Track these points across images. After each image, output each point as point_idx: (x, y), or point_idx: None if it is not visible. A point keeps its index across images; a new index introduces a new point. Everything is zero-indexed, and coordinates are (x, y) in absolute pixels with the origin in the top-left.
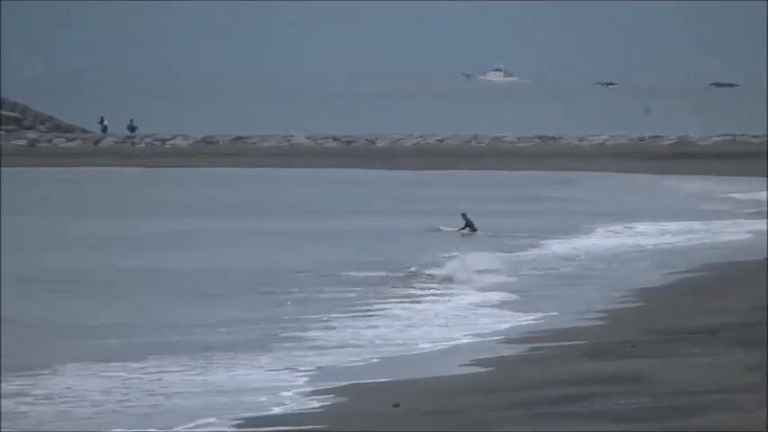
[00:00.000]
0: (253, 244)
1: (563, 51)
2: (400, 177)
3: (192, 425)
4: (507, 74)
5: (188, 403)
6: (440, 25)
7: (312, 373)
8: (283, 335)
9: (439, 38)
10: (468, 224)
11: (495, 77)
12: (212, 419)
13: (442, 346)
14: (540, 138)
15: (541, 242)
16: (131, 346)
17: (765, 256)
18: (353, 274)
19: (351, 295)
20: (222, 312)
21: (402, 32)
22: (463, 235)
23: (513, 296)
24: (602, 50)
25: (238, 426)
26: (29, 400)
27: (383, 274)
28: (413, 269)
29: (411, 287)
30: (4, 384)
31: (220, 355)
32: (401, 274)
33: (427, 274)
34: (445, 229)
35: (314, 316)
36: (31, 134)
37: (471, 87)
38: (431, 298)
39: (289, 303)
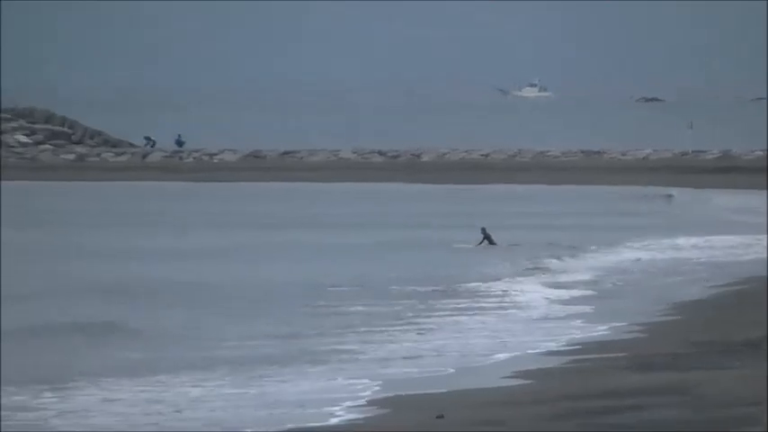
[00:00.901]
0: (299, 257)
1: (590, 65)
2: (446, 191)
3: None
4: (542, 89)
5: (236, 415)
6: (469, 38)
7: (357, 385)
8: (328, 348)
9: (468, 51)
10: (487, 237)
11: (531, 93)
12: None
13: (485, 359)
14: (583, 152)
15: (585, 254)
16: (178, 358)
17: None
18: (397, 288)
19: (396, 308)
20: (268, 325)
21: (434, 44)
22: (486, 246)
23: (555, 309)
24: (629, 64)
25: None
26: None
27: (428, 288)
28: (456, 283)
29: (454, 300)
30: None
31: (268, 369)
32: (445, 288)
33: (469, 289)
34: (462, 246)
35: (358, 329)
36: (80, 149)
37: (507, 102)
38: (472, 311)
39: (334, 316)
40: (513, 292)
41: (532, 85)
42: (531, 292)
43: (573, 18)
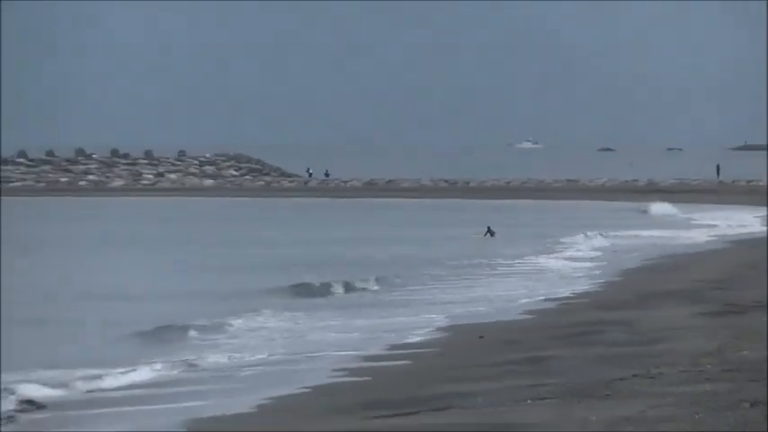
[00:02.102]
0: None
1: (565, 127)
2: (483, 204)
3: (353, 352)
4: (534, 142)
5: (351, 338)
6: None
7: (431, 318)
8: (416, 297)
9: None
10: (489, 231)
11: (527, 145)
12: (370, 348)
13: (509, 303)
14: (566, 180)
15: (576, 243)
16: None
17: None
18: (454, 261)
19: (456, 272)
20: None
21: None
22: (488, 238)
23: (558, 273)
24: (592, 125)
25: (387, 350)
26: None
27: (474, 261)
28: (492, 258)
29: (493, 269)
30: None
31: (381, 310)
32: (486, 261)
33: (502, 262)
34: (475, 236)
35: (432, 286)
36: (267, 178)
37: (514, 150)
38: (505, 274)
39: (419, 276)
40: (531, 263)
41: (528, 140)
42: (543, 263)
43: (554, 93)
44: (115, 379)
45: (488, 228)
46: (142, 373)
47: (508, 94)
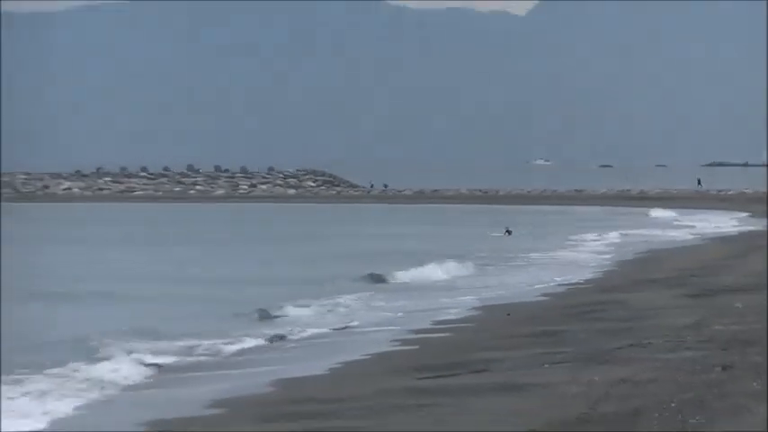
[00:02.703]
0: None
1: (570, 146)
2: (510, 209)
3: (406, 326)
4: (546, 160)
5: (404, 315)
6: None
7: (466, 300)
8: (461, 283)
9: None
10: (508, 231)
11: (541, 162)
12: (419, 323)
13: (530, 287)
14: (575, 190)
15: (589, 239)
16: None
17: (684, 245)
18: (485, 254)
19: (489, 263)
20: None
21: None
22: (506, 236)
23: (572, 263)
24: (593, 144)
25: (433, 325)
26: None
27: (503, 255)
28: (520, 253)
29: (518, 261)
30: None
31: (423, 292)
32: (513, 255)
33: (527, 255)
34: (495, 234)
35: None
36: (338, 188)
37: (530, 167)
38: (530, 264)
39: (463, 271)
40: (547, 257)
41: (541, 159)
42: (556, 256)
43: (561, 118)
44: (219, 348)
45: (506, 228)
46: (240, 345)
47: (524, 118)
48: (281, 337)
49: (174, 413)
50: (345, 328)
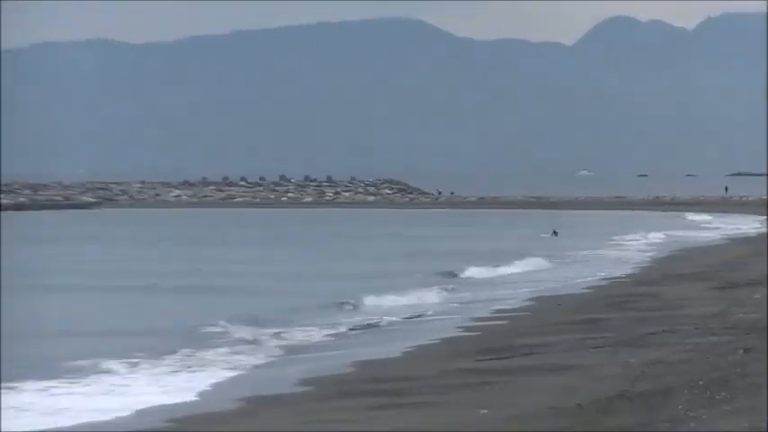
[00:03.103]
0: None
1: (611, 157)
2: (558, 213)
3: (469, 315)
4: (589, 171)
5: (467, 305)
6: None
7: (521, 292)
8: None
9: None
10: (555, 232)
11: (584, 173)
12: (480, 312)
13: (577, 280)
14: (615, 197)
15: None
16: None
17: (711, 244)
18: (543, 252)
19: (546, 260)
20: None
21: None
22: (553, 236)
23: (615, 260)
24: (633, 156)
25: (492, 313)
26: None
27: (554, 252)
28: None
29: (566, 259)
30: None
31: (484, 286)
32: (557, 252)
33: (575, 252)
34: (544, 235)
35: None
36: (411, 196)
37: (576, 177)
38: (576, 261)
39: (517, 267)
40: (591, 254)
41: (584, 170)
42: (600, 254)
43: (603, 131)
44: (308, 335)
45: (554, 230)
46: (326, 331)
47: (568, 134)
48: (363, 325)
49: (269, 390)
50: (418, 316)
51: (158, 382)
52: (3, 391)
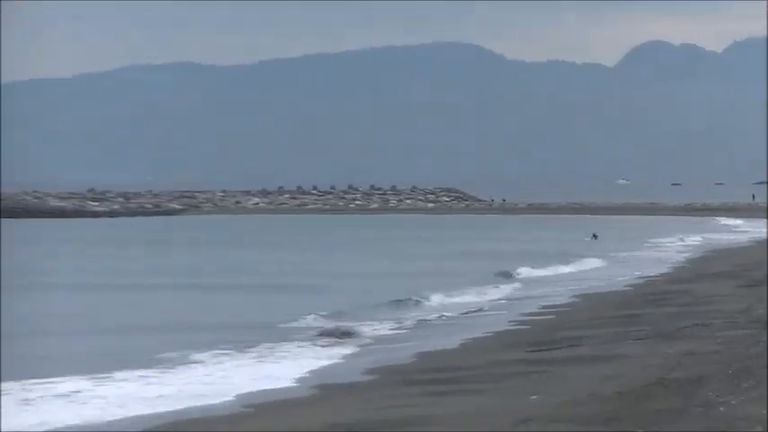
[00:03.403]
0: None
1: (647, 166)
2: (598, 218)
3: (519, 310)
4: (627, 179)
5: (518, 301)
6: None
7: (568, 289)
8: (556, 278)
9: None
10: (594, 235)
11: (622, 182)
12: (529, 308)
13: (618, 278)
14: (650, 203)
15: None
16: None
17: (741, 246)
18: (585, 254)
19: (590, 263)
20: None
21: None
22: (593, 240)
23: (653, 260)
24: (665, 164)
25: (540, 309)
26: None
27: (598, 254)
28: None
29: (608, 259)
30: None
31: (532, 284)
32: (606, 253)
33: (617, 253)
34: (586, 239)
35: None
36: (466, 202)
37: (615, 185)
38: (616, 261)
39: (561, 267)
40: (630, 256)
41: (623, 179)
42: (638, 255)
43: (639, 143)
44: (375, 328)
45: (594, 233)
46: (391, 325)
47: (609, 146)
48: (425, 320)
49: (341, 379)
50: (474, 312)
51: (242, 372)
52: (112, 380)
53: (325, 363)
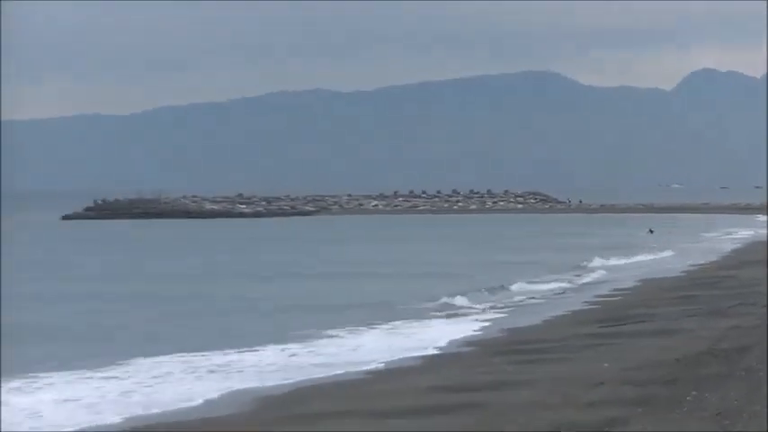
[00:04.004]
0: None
1: (702, 171)
2: (663, 216)
3: (592, 292)
4: (680, 183)
5: (592, 285)
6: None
7: (632, 275)
8: (622, 267)
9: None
10: (650, 230)
11: (676, 186)
12: (601, 291)
13: (672, 266)
14: (701, 203)
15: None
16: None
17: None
18: (638, 245)
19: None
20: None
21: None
22: (650, 234)
23: (690, 253)
24: (708, 168)
25: (610, 291)
26: None
27: (649, 246)
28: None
29: (657, 250)
30: None
31: (602, 272)
32: (654, 245)
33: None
34: (644, 233)
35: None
36: (549, 204)
37: (670, 188)
38: (663, 252)
39: (623, 257)
40: (683, 246)
41: (676, 183)
42: (690, 246)
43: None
44: (474, 309)
45: (650, 228)
46: (486, 305)
47: (665, 156)
48: (514, 302)
49: (446, 350)
50: (554, 295)
51: (373, 344)
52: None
53: (430, 338)
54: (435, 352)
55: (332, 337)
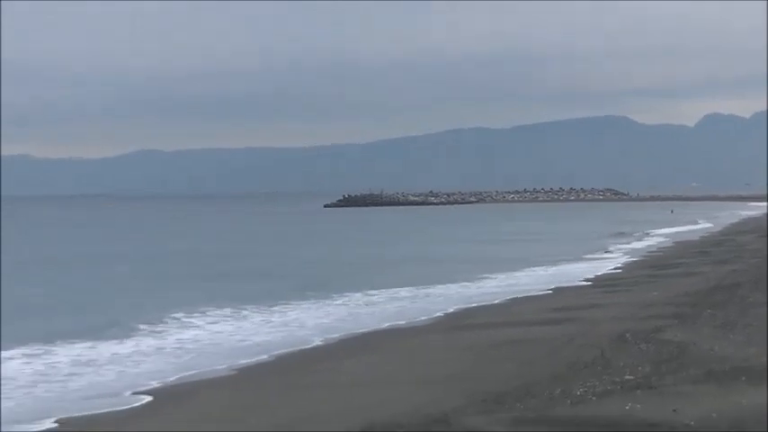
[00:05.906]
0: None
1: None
2: (686, 204)
3: (638, 253)
4: (697, 183)
5: (634, 249)
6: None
7: (664, 240)
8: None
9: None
10: (672, 211)
11: (695, 185)
12: (642, 252)
13: (687, 238)
14: (712, 196)
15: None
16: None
17: (758, 217)
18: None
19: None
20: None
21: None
22: (671, 213)
23: (695, 231)
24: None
25: (649, 251)
26: None
27: (668, 222)
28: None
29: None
30: None
31: (647, 239)
32: (688, 221)
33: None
34: (668, 212)
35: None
36: (619, 195)
37: (691, 186)
38: (679, 227)
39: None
40: (697, 225)
41: (694, 183)
42: (704, 223)
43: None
44: (570, 262)
45: (671, 209)
46: (589, 258)
47: (692, 170)
48: (596, 257)
49: (567, 284)
50: (624, 253)
51: (528, 278)
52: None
53: (534, 281)
54: (560, 285)
55: (493, 278)
